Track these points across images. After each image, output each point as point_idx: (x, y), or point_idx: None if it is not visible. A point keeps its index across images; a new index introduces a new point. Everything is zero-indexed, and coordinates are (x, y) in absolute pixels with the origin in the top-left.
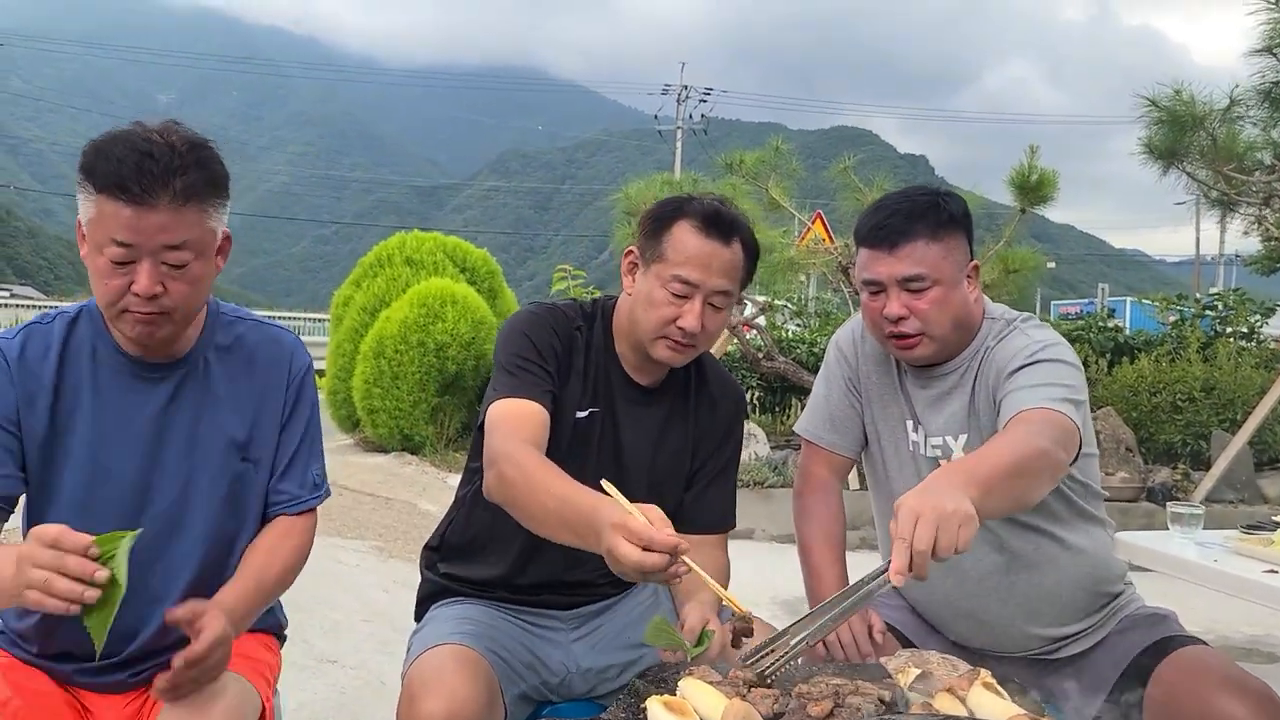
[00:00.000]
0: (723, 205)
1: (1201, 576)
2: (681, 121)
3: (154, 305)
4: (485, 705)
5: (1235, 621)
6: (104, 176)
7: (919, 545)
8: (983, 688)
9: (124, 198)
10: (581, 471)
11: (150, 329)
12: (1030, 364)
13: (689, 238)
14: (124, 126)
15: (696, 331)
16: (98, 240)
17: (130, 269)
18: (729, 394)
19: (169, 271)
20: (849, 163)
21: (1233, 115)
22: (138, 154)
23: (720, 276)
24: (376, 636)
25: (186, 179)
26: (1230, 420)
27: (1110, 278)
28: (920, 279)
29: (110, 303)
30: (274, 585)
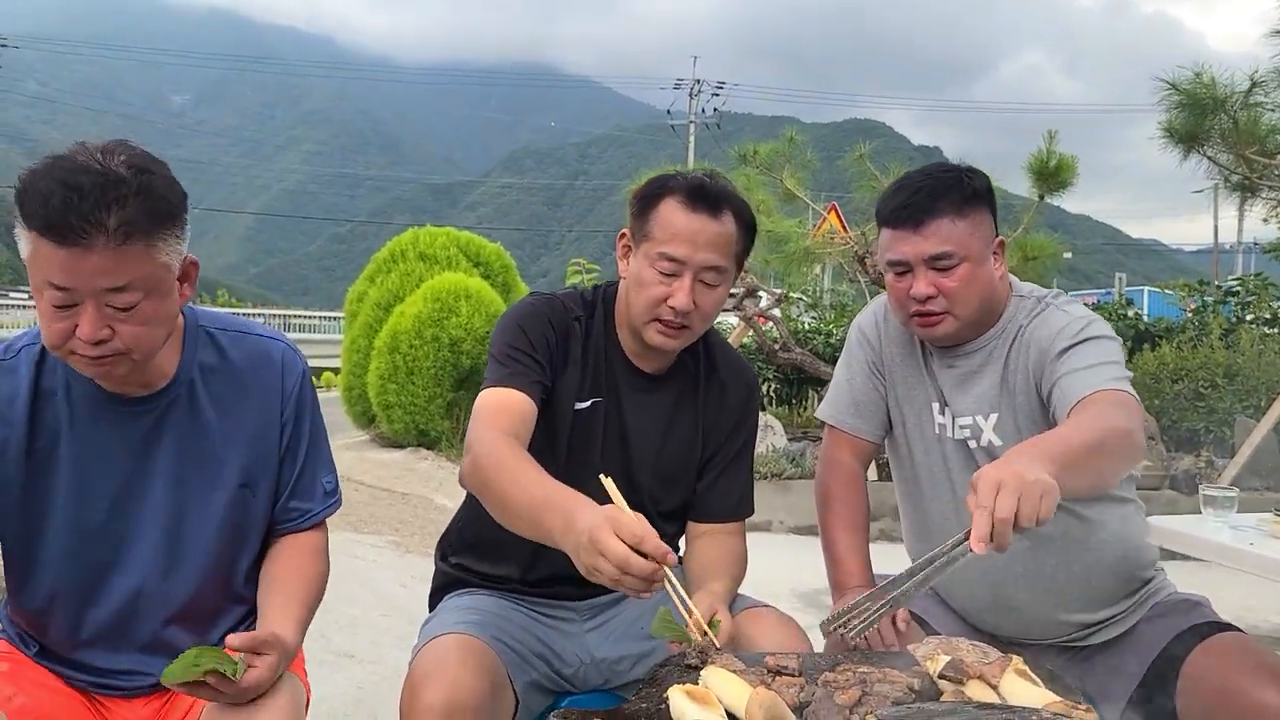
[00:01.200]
0: (710, 178)
1: (1237, 560)
2: (694, 116)
3: (103, 349)
4: (488, 694)
5: (1265, 609)
6: (32, 216)
7: (1001, 513)
8: (1015, 674)
9: (54, 239)
10: (586, 462)
11: (105, 369)
12: (1080, 342)
13: (674, 214)
14: (64, 151)
15: (688, 310)
16: (36, 282)
17: (74, 312)
18: (740, 378)
19: (115, 314)
20: (864, 150)
21: (1254, 99)
22: (64, 189)
23: (709, 251)
24: (394, 631)
25: (124, 213)
26: (1254, 407)
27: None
28: (948, 256)
29: (55, 345)
30: (316, 605)
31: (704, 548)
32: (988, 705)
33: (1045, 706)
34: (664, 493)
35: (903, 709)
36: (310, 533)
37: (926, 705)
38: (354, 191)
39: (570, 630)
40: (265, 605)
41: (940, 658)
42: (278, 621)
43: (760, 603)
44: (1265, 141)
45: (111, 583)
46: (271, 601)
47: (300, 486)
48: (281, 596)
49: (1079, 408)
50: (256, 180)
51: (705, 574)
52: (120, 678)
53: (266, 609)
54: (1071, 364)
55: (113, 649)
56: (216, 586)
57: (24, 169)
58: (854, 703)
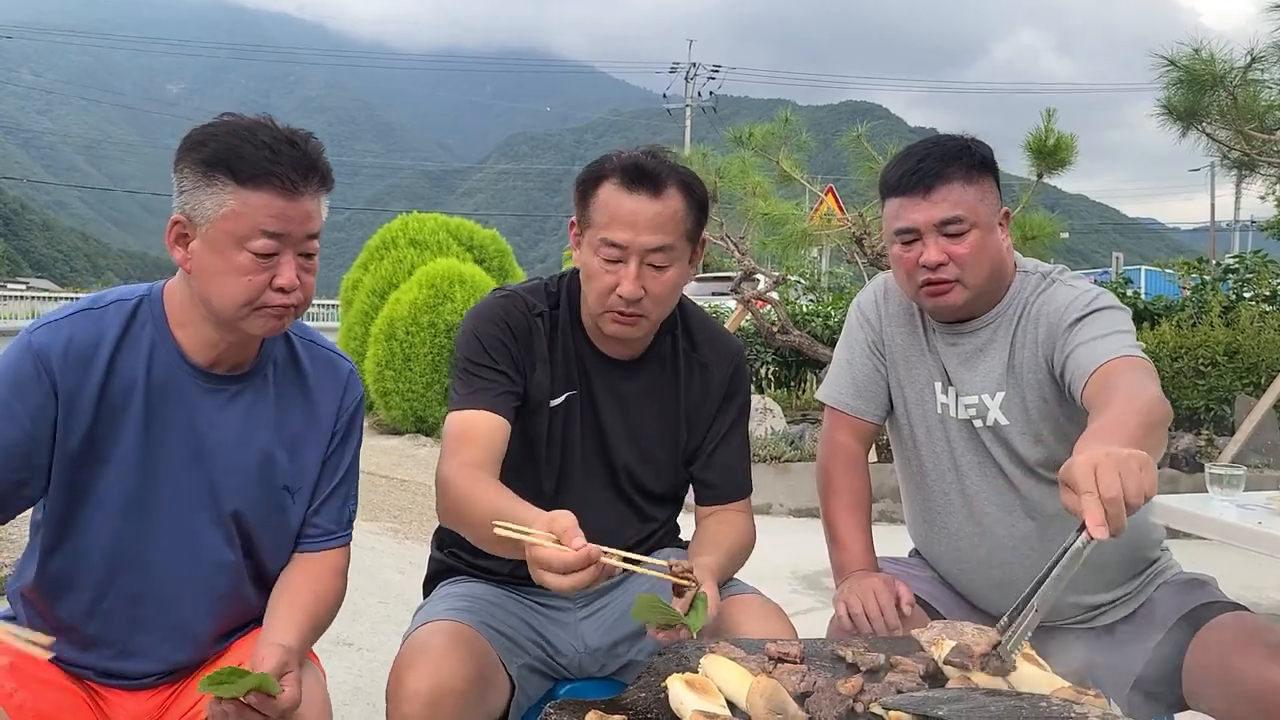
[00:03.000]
0: (647, 156)
1: (1244, 539)
2: (690, 99)
3: (290, 298)
4: (475, 681)
5: (1266, 586)
6: (254, 166)
7: (1109, 493)
8: (1023, 659)
9: (277, 187)
10: (568, 458)
11: (280, 324)
12: (1090, 313)
13: (613, 196)
14: (224, 119)
15: (638, 297)
16: (239, 234)
17: (273, 263)
18: (723, 355)
19: (304, 263)
20: (860, 132)
21: (1253, 74)
22: (284, 143)
23: (652, 233)
24: (393, 619)
25: (322, 166)
26: (1254, 384)
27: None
28: (958, 221)
29: (247, 300)
30: (324, 622)
31: (705, 526)
32: (995, 691)
33: (1053, 692)
34: (649, 478)
35: (905, 696)
36: (336, 554)
37: (932, 693)
38: (351, 179)
39: (564, 620)
40: (272, 612)
41: (945, 643)
42: (281, 631)
43: (747, 588)
44: (1264, 117)
45: (143, 560)
46: (278, 609)
47: (329, 503)
48: (288, 606)
49: (1100, 377)
50: None
51: (699, 550)
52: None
53: (273, 616)
54: (1084, 334)
55: (126, 634)
56: (242, 583)
57: (198, 136)
58: (857, 691)
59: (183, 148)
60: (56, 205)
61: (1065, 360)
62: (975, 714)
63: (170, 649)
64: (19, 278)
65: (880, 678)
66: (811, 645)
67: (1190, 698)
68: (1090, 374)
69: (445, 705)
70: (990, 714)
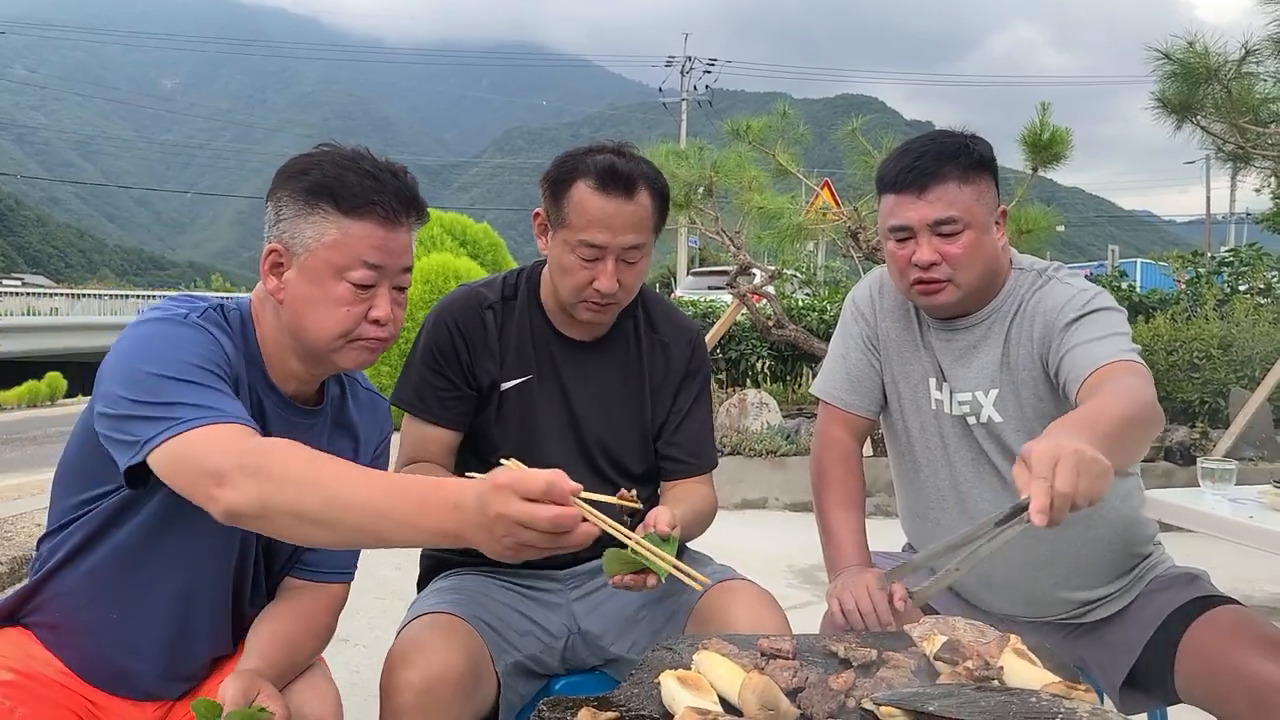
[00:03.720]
0: (619, 157)
1: (1236, 533)
2: (686, 93)
3: (384, 331)
4: (467, 673)
5: (1260, 580)
6: (358, 195)
7: (1062, 487)
8: (1014, 654)
9: (379, 217)
10: (534, 439)
11: (372, 357)
12: (1086, 314)
13: (589, 199)
14: (326, 147)
15: (614, 290)
16: (339, 264)
17: (370, 294)
18: (683, 336)
19: (397, 296)
20: (856, 125)
21: (1245, 68)
22: (387, 173)
23: (627, 233)
24: (389, 614)
25: (420, 200)
26: (1248, 377)
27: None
28: (952, 222)
29: (343, 332)
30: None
31: (667, 497)
32: (985, 687)
33: (1044, 687)
34: (625, 457)
35: (896, 692)
36: (333, 586)
37: (923, 688)
38: None
39: (556, 601)
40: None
41: (937, 638)
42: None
43: (737, 575)
44: (1258, 110)
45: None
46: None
47: None
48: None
49: (1095, 380)
50: (248, 164)
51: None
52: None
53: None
54: (1081, 336)
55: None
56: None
57: (298, 164)
58: (849, 686)
59: (282, 176)
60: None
61: (1061, 360)
62: (966, 709)
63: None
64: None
65: (872, 673)
66: (804, 641)
67: (1183, 692)
68: (1085, 377)
69: (437, 696)
70: (980, 709)
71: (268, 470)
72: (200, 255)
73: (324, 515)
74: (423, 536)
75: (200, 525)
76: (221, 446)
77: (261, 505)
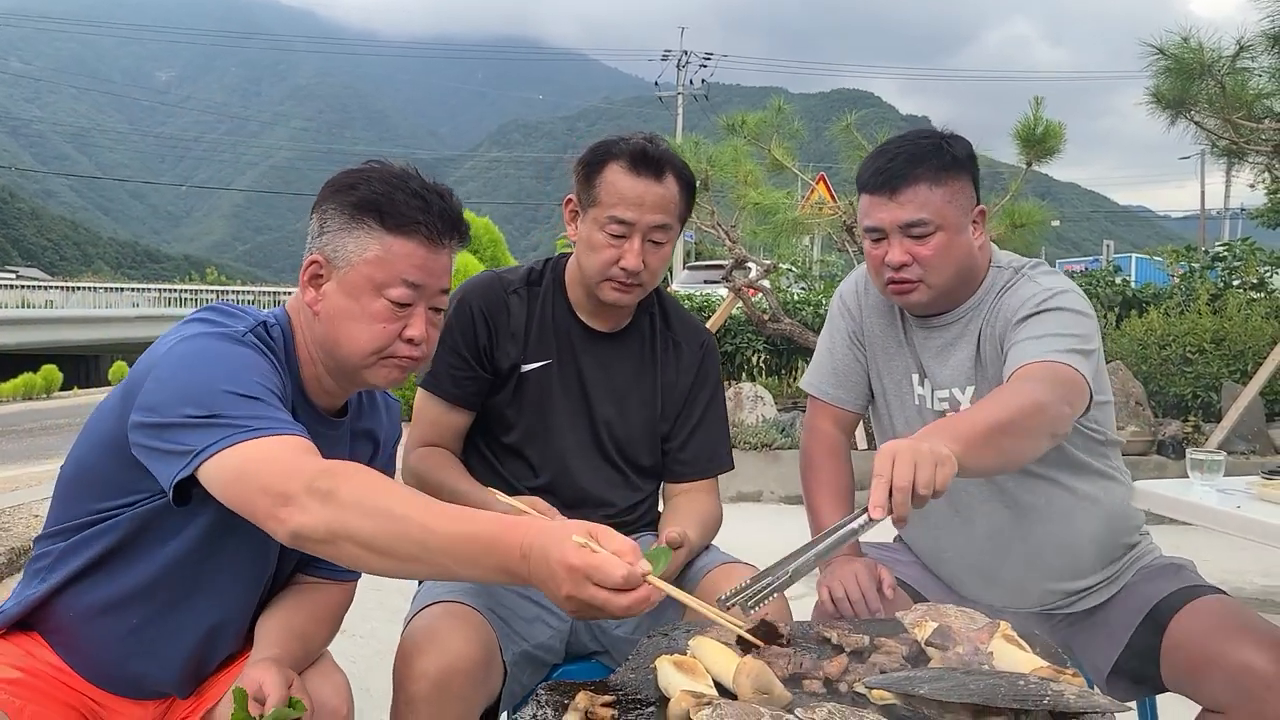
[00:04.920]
0: (650, 143)
1: (1224, 523)
2: (682, 87)
3: (418, 350)
4: (481, 663)
5: (1248, 571)
6: (404, 214)
7: (898, 481)
8: (1003, 640)
9: (423, 236)
10: (549, 423)
11: (402, 376)
12: (1037, 313)
13: (620, 178)
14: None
15: (639, 270)
16: (379, 280)
17: (407, 313)
18: (695, 339)
19: (433, 316)
20: (851, 120)
21: (1240, 64)
22: (434, 194)
23: (655, 212)
24: (386, 605)
25: (464, 222)
26: (1241, 371)
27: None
28: (922, 224)
29: (377, 348)
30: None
31: (677, 504)
32: (975, 671)
33: (1032, 671)
34: (634, 449)
35: (888, 676)
36: (344, 584)
37: (913, 672)
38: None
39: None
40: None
41: (928, 624)
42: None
43: (736, 560)
44: (1252, 106)
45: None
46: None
47: None
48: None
49: (1009, 380)
50: (244, 157)
51: (676, 522)
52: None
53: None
54: (1022, 334)
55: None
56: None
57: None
58: (841, 671)
59: (329, 189)
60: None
61: (1005, 358)
62: (955, 692)
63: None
64: (8, 267)
65: (865, 659)
66: (798, 628)
67: (1169, 680)
68: (1008, 378)
69: (453, 686)
70: (969, 692)
71: (340, 498)
72: (195, 249)
73: (394, 547)
74: (486, 575)
75: (245, 545)
76: (287, 466)
77: (331, 532)
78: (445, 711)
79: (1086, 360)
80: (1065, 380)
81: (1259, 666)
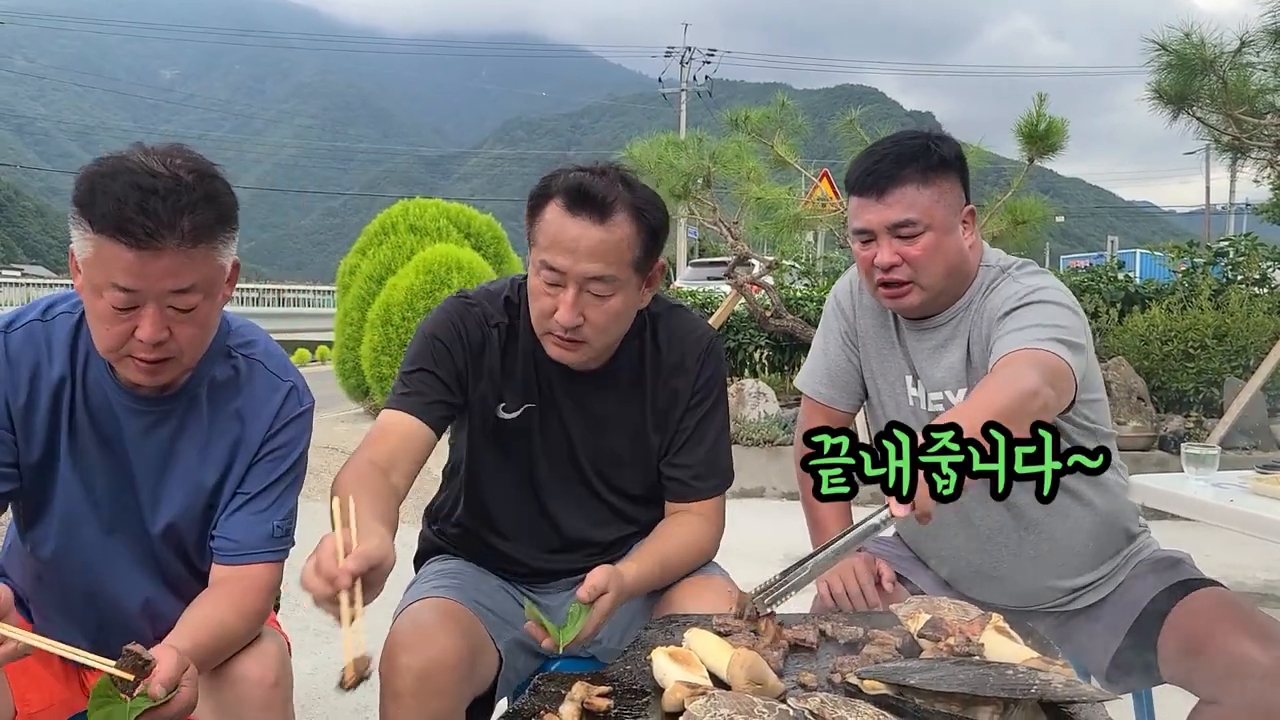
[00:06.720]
0: (595, 176)
1: (1218, 517)
2: (685, 84)
3: (160, 351)
4: (466, 657)
5: (1250, 566)
6: (104, 217)
7: None
8: (994, 631)
9: (127, 241)
10: (532, 470)
11: (155, 374)
12: (1019, 307)
13: (555, 219)
14: (121, 152)
15: (576, 324)
16: (96, 282)
17: (133, 314)
18: (693, 347)
19: (175, 315)
20: (854, 116)
21: (1243, 59)
22: (140, 191)
23: (591, 260)
24: (386, 600)
25: (195, 217)
26: (1243, 367)
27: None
28: (911, 224)
29: (111, 348)
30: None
31: (658, 529)
32: (965, 661)
33: (1022, 662)
34: (625, 483)
35: (879, 667)
36: (251, 567)
37: (904, 662)
38: (345, 165)
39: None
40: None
41: (920, 616)
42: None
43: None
44: (1254, 101)
45: (90, 569)
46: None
47: (241, 519)
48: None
49: (994, 369)
50: (248, 155)
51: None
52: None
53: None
54: (1006, 327)
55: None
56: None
57: (84, 171)
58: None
59: (76, 179)
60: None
61: (990, 355)
62: (944, 682)
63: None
64: (13, 264)
65: (858, 650)
66: (793, 619)
67: (1166, 673)
68: (992, 368)
69: (437, 681)
70: (959, 681)
71: None
72: None
73: None
74: None
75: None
76: None
77: None
78: (429, 706)
79: (1071, 351)
80: (1051, 367)
81: (1255, 658)
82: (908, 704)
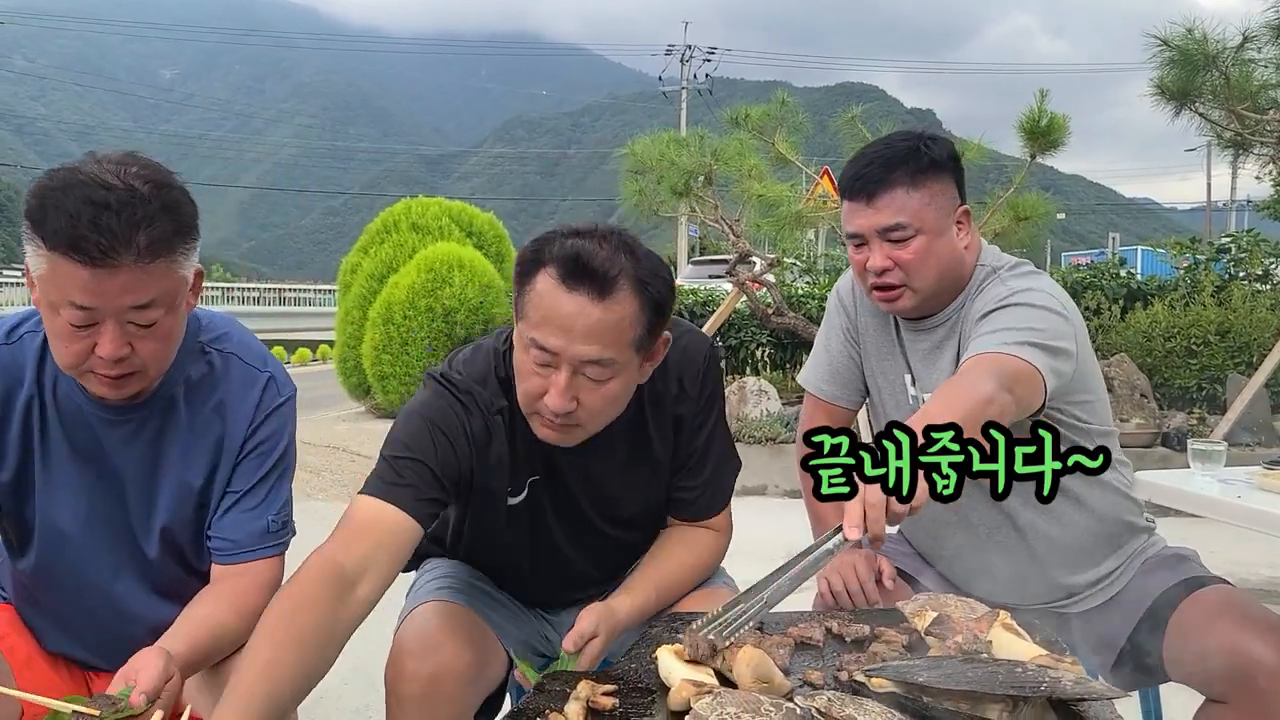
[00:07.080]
0: (595, 244)
1: (1224, 513)
2: (686, 82)
3: (122, 367)
4: (473, 662)
5: (1255, 563)
6: (56, 234)
7: (872, 498)
8: (1002, 629)
9: (81, 259)
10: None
11: (120, 388)
12: (996, 310)
13: (548, 291)
14: (74, 163)
15: (568, 409)
16: (52, 299)
17: (92, 331)
18: (688, 370)
19: (136, 331)
20: (855, 113)
21: (1245, 54)
22: (94, 206)
23: (588, 342)
24: (389, 600)
25: (152, 231)
26: (1245, 363)
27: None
28: (901, 229)
29: (72, 365)
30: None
31: (660, 542)
32: (973, 659)
33: (1031, 659)
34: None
35: (886, 665)
36: (251, 564)
37: (911, 660)
38: (346, 164)
39: (558, 620)
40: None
41: (928, 614)
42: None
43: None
44: (1257, 97)
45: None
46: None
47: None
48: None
49: (951, 378)
50: (248, 154)
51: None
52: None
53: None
54: (980, 330)
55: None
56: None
57: (35, 184)
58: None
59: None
60: None
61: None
62: (953, 679)
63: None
64: (14, 265)
65: (865, 648)
66: (799, 617)
67: (1172, 670)
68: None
69: (444, 688)
70: (967, 679)
71: None
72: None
73: None
74: None
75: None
76: None
77: None
78: (436, 713)
79: (1043, 354)
80: (1010, 371)
81: (1262, 656)
82: (915, 702)
